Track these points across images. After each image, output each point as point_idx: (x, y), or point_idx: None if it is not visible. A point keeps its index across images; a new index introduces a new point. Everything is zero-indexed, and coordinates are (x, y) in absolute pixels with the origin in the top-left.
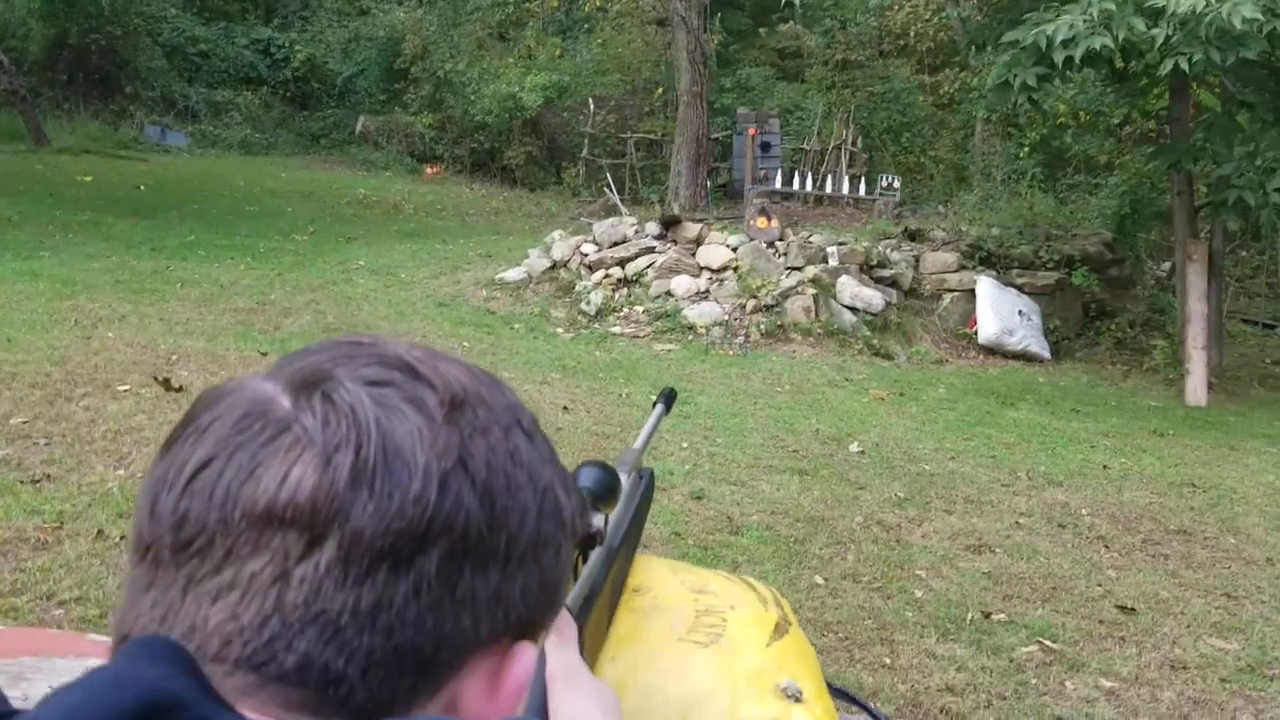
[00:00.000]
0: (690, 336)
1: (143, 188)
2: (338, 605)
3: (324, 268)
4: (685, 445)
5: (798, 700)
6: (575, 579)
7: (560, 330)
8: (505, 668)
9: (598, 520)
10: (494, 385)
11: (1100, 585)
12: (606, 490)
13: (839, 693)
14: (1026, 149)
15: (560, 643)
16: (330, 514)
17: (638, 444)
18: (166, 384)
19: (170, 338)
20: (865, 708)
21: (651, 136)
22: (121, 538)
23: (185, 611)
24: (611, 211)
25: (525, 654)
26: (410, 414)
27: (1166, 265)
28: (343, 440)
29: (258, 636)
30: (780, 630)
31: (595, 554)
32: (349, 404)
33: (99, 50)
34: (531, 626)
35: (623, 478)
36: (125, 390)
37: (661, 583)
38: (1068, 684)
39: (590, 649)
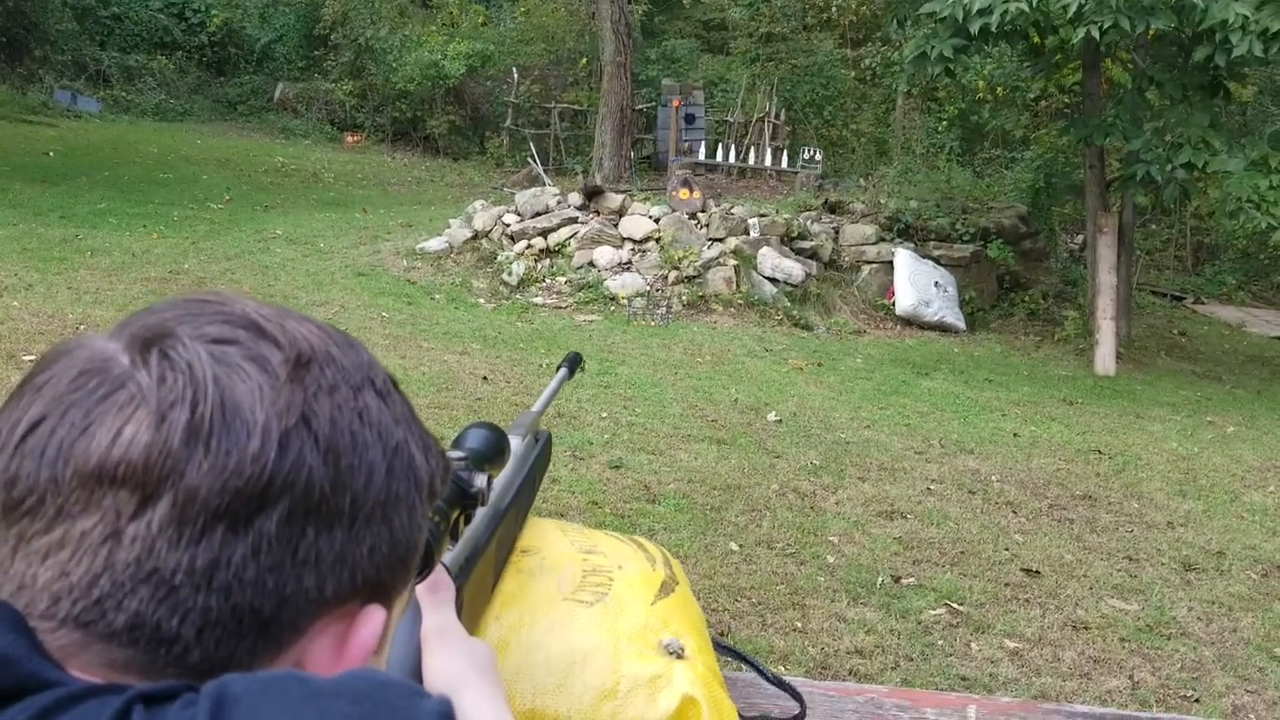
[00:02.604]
0: (612, 307)
1: (52, 154)
2: (171, 564)
3: (240, 236)
4: (605, 415)
5: (679, 656)
6: (456, 539)
7: (481, 301)
8: (352, 630)
9: (480, 481)
10: (347, 344)
11: (1007, 549)
12: (494, 452)
13: (725, 649)
14: (945, 123)
15: (436, 602)
16: (163, 472)
17: (535, 407)
18: None
19: (79, 307)
20: (751, 664)
21: (576, 107)
22: None
23: (15, 570)
24: (535, 182)
25: (373, 617)
26: (252, 372)
27: (1079, 238)
28: (178, 398)
29: (87, 595)
30: (666, 589)
31: (479, 514)
32: (187, 361)
33: (6, 11)
34: (381, 588)
35: (516, 440)
36: (30, 360)
37: (551, 543)
38: (973, 645)
39: (474, 609)
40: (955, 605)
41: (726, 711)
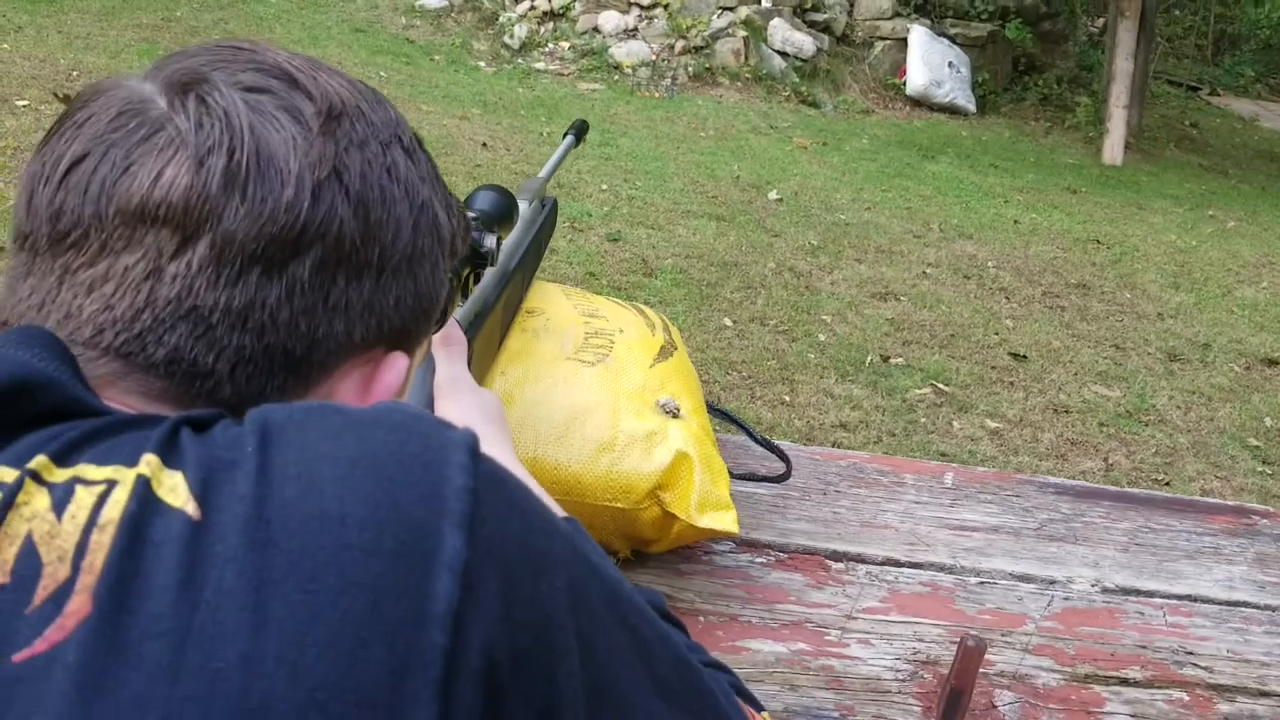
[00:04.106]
0: (616, 76)
1: None
2: (209, 303)
3: None
4: (605, 187)
5: (675, 416)
6: (466, 297)
7: (482, 64)
8: (377, 374)
9: (489, 241)
10: (376, 100)
11: (997, 334)
12: (502, 213)
13: (718, 412)
14: None
15: (449, 355)
16: (202, 215)
17: (543, 173)
18: (67, 100)
19: (70, 53)
20: (741, 426)
21: None
22: None
23: (61, 299)
24: None
25: (397, 363)
26: (286, 122)
27: (1100, 21)
28: (216, 143)
29: (129, 329)
30: (665, 353)
31: (488, 274)
32: (223, 108)
33: None
34: (405, 337)
35: (523, 204)
36: (24, 106)
37: (555, 306)
38: (955, 424)
39: (481, 364)
40: (941, 385)
41: (717, 468)
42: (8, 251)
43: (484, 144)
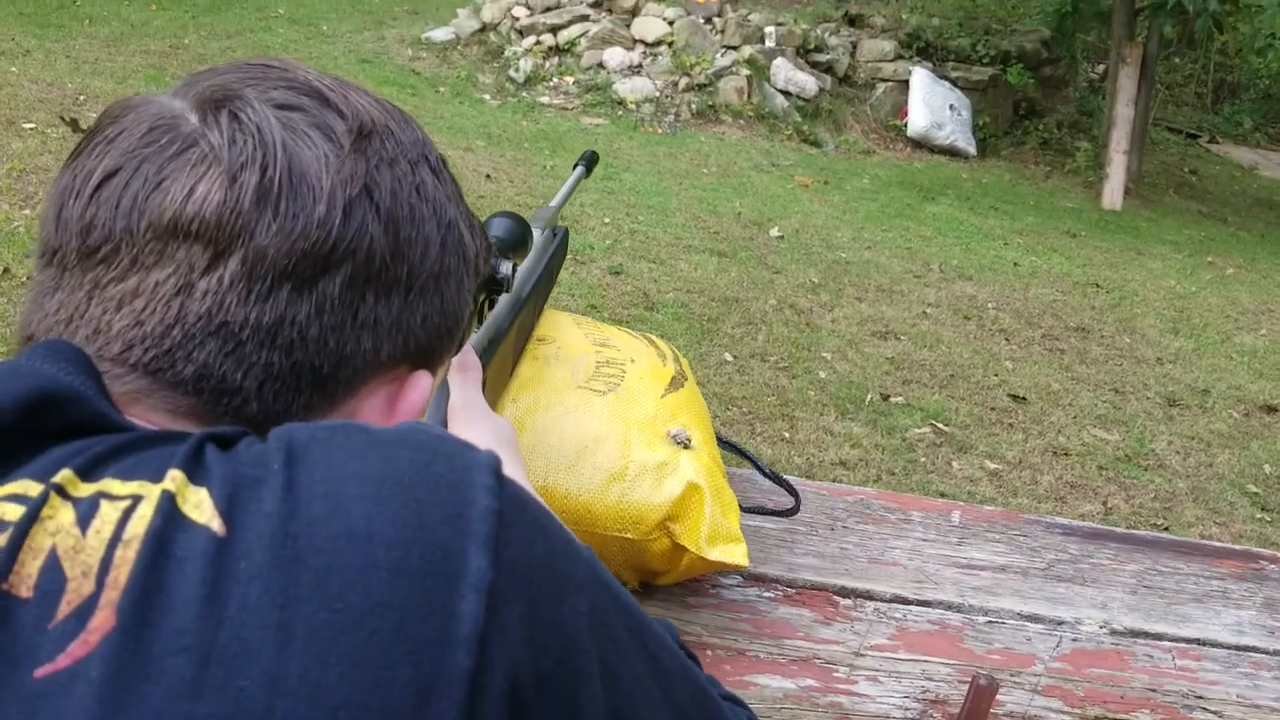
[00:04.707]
0: (620, 112)
1: None
2: (240, 319)
3: (242, 14)
4: (607, 221)
5: (686, 446)
6: (481, 323)
7: (487, 97)
8: (402, 393)
9: (505, 268)
10: (403, 120)
11: (996, 375)
12: (517, 240)
13: (727, 445)
14: None
15: (464, 380)
16: (235, 230)
17: (554, 202)
18: (74, 125)
19: (78, 77)
20: (751, 460)
21: None
22: (28, 277)
23: (90, 315)
24: None
25: (422, 382)
26: (317, 140)
27: (1101, 68)
28: (249, 159)
29: (159, 345)
30: (676, 384)
31: (502, 300)
32: (256, 124)
33: None
34: (430, 355)
35: (536, 233)
36: (31, 129)
37: (566, 334)
38: (954, 464)
39: (494, 390)
40: (940, 425)
41: (727, 500)
42: (35, 268)
43: (488, 175)
